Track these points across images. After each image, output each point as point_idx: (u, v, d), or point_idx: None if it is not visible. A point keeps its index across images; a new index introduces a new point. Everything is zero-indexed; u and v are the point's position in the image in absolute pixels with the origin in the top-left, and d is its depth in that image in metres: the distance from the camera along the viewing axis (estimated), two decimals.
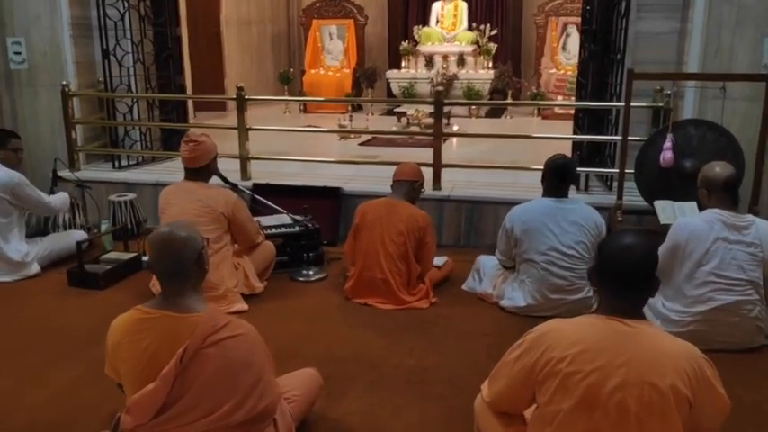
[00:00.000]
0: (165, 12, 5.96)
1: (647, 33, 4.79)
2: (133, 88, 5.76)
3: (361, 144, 7.05)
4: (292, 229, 4.36)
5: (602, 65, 4.93)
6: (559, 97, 8.59)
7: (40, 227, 4.68)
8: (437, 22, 10.12)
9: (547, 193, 3.70)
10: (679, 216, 3.68)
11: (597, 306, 2.02)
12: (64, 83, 5.44)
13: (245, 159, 5.22)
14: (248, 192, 4.33)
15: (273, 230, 4.34)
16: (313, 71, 10.04)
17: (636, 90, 4.81)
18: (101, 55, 5.52)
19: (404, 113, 8.02)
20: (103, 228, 4.77)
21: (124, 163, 5.76)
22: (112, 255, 4.40)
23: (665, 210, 3.81)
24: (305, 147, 6.51)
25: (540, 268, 3.57)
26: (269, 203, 4.34)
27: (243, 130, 5.18)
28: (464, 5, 10.07)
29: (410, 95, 9.16)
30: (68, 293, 4.03)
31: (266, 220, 4.41)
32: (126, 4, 5.59)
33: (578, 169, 4.88)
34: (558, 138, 5.36)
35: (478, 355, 3.18)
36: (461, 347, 3.31)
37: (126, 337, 2.07)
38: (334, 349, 3.29)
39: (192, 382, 1.96)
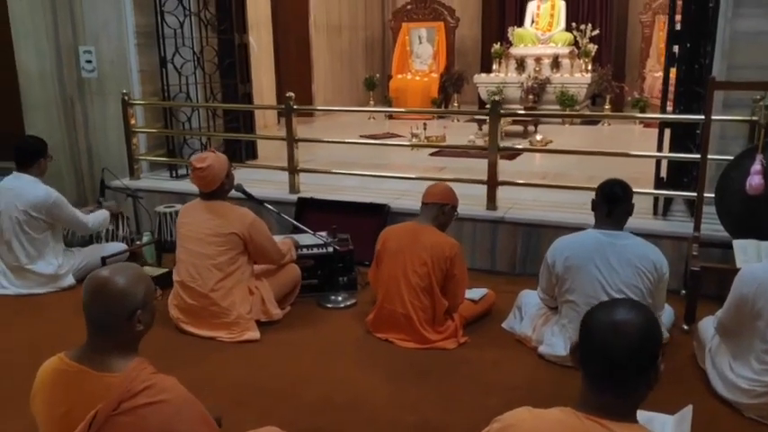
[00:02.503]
0: (230, 19, 5.86)
1: (747, 33, 4.06)
2: (193, 97, 5.69)
3: (432, 155, 6.64)
4: (323, 250, 4.05)
5: (690, 70, 4.25)
6: None
7: (84, 238, 4.66)
8: (532, 22, 9.50)
9: (597, 224, 3.14)
10: (765, 260, 2.98)
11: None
12: (124, 91, 5.44)
13: (293, 172, 4.98)
14: (275, 210, 4.04)
15: (304, 251, 4.05)
16: (400, 76, 9.74)
17: (734, 100, 4.16)
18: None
19: (484, 121, 7.49)
20: (145, 239, 4.69)
21: (182, 172, 5.70)
22: (146, 269, 4.28)
23: (746, 250, 3.10)
24: (374, 156, 6.27)
25: (583, 313, 3.01)
26: (293, 221, 4.05)
27: (291, 142, 4.94)
28: (562, 4, 9.40)
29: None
30: None
31: (299, 239, 4.12)
32: (186, 12, 5.52)
33: (652, 192, 4.25)
34: (633, 155, 4.69)
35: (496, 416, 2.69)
36: (479, 403, 2.84)
37: (42, 389, 1.88)
38: (334, 394, 2.93)
39: None
